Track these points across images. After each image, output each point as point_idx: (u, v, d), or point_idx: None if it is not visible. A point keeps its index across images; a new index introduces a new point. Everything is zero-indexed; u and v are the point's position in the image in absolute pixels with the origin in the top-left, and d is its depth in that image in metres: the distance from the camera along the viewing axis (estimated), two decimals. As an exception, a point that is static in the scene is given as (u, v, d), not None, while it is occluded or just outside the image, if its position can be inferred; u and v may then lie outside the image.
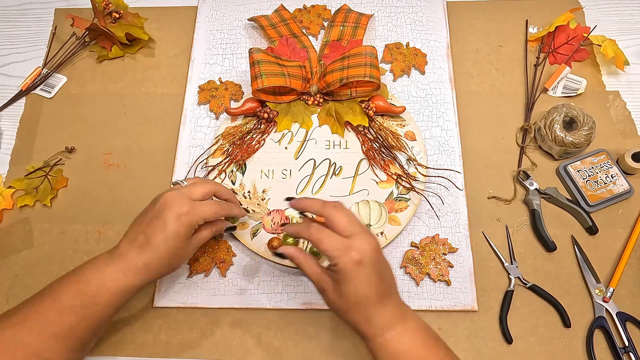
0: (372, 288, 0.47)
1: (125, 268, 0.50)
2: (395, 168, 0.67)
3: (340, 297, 0.48)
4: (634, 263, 0.63)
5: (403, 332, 0.48)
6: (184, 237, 0.52)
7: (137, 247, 0.51)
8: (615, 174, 0.66)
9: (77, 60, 0.80)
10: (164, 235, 0.51)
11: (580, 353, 0.59)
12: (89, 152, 0.72)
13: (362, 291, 0.47)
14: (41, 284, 0.64)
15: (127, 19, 0.79)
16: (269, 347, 0.60)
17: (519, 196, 0.67)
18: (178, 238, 0.51)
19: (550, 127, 0.66)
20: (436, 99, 0.73)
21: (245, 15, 0.81)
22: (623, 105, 0.72)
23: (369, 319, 0.48)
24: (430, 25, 0.78)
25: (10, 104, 0.76)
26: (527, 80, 0.74)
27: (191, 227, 0.52)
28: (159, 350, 0.60)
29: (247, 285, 0.63)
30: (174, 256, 0.52)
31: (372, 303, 0.48)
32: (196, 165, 0.69)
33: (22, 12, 0.85)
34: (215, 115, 0.73)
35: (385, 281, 0.49)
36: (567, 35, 0.76)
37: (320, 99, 0.71)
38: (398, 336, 0.47)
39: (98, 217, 0.68)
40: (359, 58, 0.67)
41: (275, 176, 0.68)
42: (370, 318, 0.48)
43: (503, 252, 0.64)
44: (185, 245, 0.53)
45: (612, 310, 0.60)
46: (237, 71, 0.76)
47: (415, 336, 0.48)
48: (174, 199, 0.52)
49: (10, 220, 0.69)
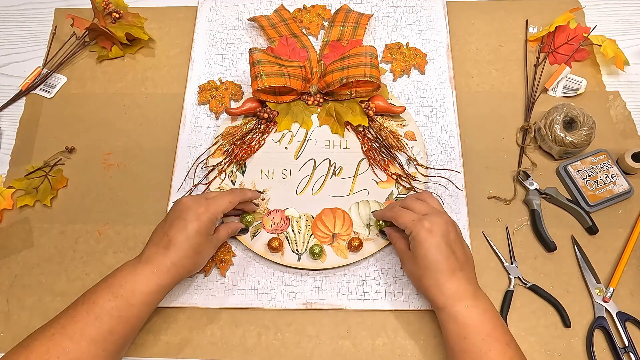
0: (442, 256, 0.52)
1: (155, 268, 0.54)
2: (395, 168, 0.67)
3: (414, 263, 0.54)
4: (634, 263, 0.63)
5: (473, 308, 0.51)
6: (205, 234, 0.56)
7: (162, 248, 0.54)
8: (615, 174, 0.66)
9: (77, 60, 0.80)
10: (186, 234, 0.54)
11: (580, 353, 0.59)
12: (89, 152, 0.72)
13: (432, 256, 0.52)
14: (41, 284, 0.64)
15: (127, 19, 0.79)
16: (269, 347, 0.60)
17: (519, 196, 0.67)
18: (199, 235, 0.55)
19: (550, 127, 0.66)
20: (436, 99, 0.73)
21: (245, 15, 0.81)
22: (623, 105, 0.72)
23: (439, 285, 0.52)
24: (430, 25, 0.78)
25: (10, 104, 0.76)
26: (527, 80, 0.74)
27: (211, 223, 0.56)
28: (159, 350, 0.60)
29: (247, 285, 0.63)
30: (197, 253, 0.56)
31: (442, 270, 0.52)
32: (196, 165, 0.69)
33: (22, 12, 0.85)
34: (215, 115, 0.73)
35: (456, 255, 0.53)
36: (567, 35, 0.76)
37: (320, 99, 0.71)
38: (468, 310, 0.51)
39: (98, 217, 0.68)
40: (359, 58, 0.67)
41: (275, 176, 0.68)
42: (441, 285, 0.52)
43: (503, 252, 0.64)
44: (207, 243, 0.57)
45: (612, 310, 0.60)
46: (237, 71, 0.76)
47: (485, 315, 0.51)
48: (192, 200, 0.57)
49: (10, 220, 0.69)
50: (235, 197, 0.59)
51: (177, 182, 0.68)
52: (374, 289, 0.62)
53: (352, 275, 0.63)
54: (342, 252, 0.63)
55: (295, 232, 0.64)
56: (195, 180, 0.68)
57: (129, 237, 0.67)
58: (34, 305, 0.63)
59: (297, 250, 0.63)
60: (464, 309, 0.51)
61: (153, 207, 0.68)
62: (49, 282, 0.65)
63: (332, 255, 0.63)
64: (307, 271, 0.63)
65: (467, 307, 0.51)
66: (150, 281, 0.53)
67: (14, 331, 0.62)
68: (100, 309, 0.50)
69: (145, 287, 0.53)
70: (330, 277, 0.63)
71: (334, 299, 0.62)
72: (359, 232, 0.64)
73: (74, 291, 0.64)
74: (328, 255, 0.63)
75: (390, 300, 0.61)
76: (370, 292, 0.62)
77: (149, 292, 0.53)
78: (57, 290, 0.64)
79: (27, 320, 0.63)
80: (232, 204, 0.59)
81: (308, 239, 0.64)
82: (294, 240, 0.64)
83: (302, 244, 0.63)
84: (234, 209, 0.61)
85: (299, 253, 0.63)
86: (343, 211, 0.65)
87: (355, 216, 0.65)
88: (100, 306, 0.51)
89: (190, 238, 0.54)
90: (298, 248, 0.63)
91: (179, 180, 0.68)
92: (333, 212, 0.65)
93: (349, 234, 0.64)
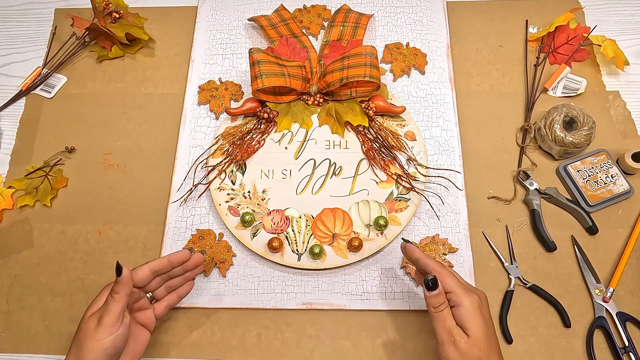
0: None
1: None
2: (395, 168, 0.67)
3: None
4: (634, 263, 0.63)
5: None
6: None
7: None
8: (615, 174, 0.66)
9: (77, 60, 0.80)
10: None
11: (580, 353, 0.59)
12: (89, 152, 0.72)
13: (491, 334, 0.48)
14: (41, 284, 0.64)
15: (127, 19, 0.79)
16: (269, 347, 0.60)
17: (519, 196, 0.67)
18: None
19: (550, 127, 0.66)
20: (436, 99, 0.73)
21: (245, 15, 0.81)
22: (623, 105, 0.72)
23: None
24: (430, 25, 0.78)
25: (10, 104, 0.76)
26: (527, 80, 0.74)
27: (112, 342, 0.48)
28: (159, 350, 0.60)
29: (247, 285, 0.63)
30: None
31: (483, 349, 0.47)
32: (196, 165, 0.69)
33: (22, 12, 0.85)
34: (215, 115, 0.73)
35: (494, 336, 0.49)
36: (567, 35, 0.76)
37: (320, 99, 0.71)
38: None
39: (98, 217, 0.68)
40: (359, 58, 0.67)
41: (275, 176, 0.68)
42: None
43: (503, 252, 0.64)
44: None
45: (612, 310, 0.60)
46: (237, 71, 0.76)
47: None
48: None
49: (10, 220, 0.69)
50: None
51: (177, 182, 0.68)
52: (374, 289, 0.62)
53: (352, 275, 0.63)
54: (342, 252, 0.63)
55: (295, 232, 0.64)
56: (195, 180, 0.68)
57: (129, 237, 0.67)
58: (34, 305, 0.63)
59: (297, 250, 0.63)
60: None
61: (153, 207, 0.68)
62: (49, 282, 0.65)
63: (332, 255, 0.63)
64: (307, 271, 0.63)
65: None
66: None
67: (14, 331, 0.62)
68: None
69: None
70: (330, 277, 0.63)
71: (334, 299, 0.62)
72: (359, 232, 0.64)
73: (74, 291, 0.64)
74: (328, 255, 0.63)
75: (391, 300, 0.61)
76: (370, 292, 0.62)
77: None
78: (57, 290, 0.64)
79: (27, 320, 0.63)
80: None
81: (308, 239, 0.64)
82: (294, 240, 0.64)
83: (302, 244, 0.63)
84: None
85: (299, 253, 0.63)
86: (343, 211, 0.65)
87: (355, 216, 0.65)
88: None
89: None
90: (298, 248, 0.63)
91: (179, 180, 0.69)
92: (333, 212, 0.65)
93: (349, 234, 0.64)
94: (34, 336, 0.62)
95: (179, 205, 0.67)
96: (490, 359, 0.47)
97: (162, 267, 0.53)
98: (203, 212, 0.67)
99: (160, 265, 0.53)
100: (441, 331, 0.48)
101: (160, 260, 0.53)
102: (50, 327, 0.62)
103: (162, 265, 0.53)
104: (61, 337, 0.61)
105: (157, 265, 0.53)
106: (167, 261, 0.53)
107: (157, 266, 0.53)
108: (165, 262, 0.53)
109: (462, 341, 0.47)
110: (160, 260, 0.53)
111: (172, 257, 0.54)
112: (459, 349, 0.47)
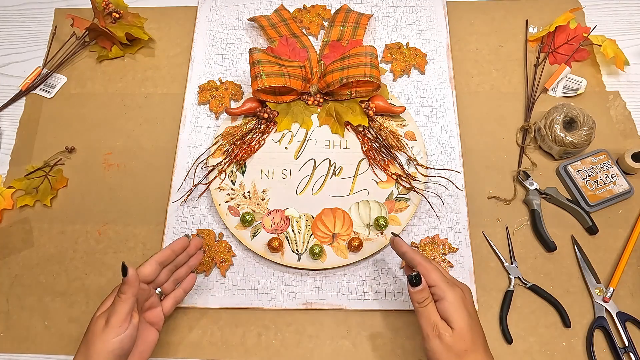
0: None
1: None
2: (395, 168, 0.67)
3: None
4: (634, 263, 0.63)
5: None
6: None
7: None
8: (615, 174, 0.66)
9: (77, 60, 0.80)
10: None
11: (580, 353, 0.59)
12: (89, 152, 0.72)
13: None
14: (41, 284, 0.64)
15: (127, 19, 0.79)
16: (269, 347, 0.60)
17: (519, 196, 0.67)
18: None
19: (550, 127, 0.66)
20: (436, 99, 0.73)
21: (245, 15, 0.81)
22: (623, 105, 0.72)
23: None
24: (430, 25, 0.78)
25: (10, 104, 0.76)
26: (527, 80, 0.74)
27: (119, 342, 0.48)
28: (159, 350, 0.60)
29: (247, 285, 0.63)
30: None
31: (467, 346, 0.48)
32: (196, 165, 0.69)
33: (22, 12, 0.85)
34: (215, 115, 0.73)
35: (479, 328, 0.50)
36: (567, 35, 0.76)
37: (320, 99, 0.71)
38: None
39: (98, 217, 0.68)
40: (359, 58, 0.67)
41: (275, 176, 0.68)
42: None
43: (503, 252, 0.64)
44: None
45: (612, 310, 0.60)
46: (237, 71, 0.76)
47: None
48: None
49: (10, 220, 0.69)
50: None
51: (177, 182, 0.68)
52: (374, 289, 0.62)
53: (352, 275, 0.63)
54: (342, 252, 0.63)
55: (295, 232, 0.64)
56: (195, 180, 0.68)
57: (129, 237, 0.67)
58: (34, 305, 0.63)
59: (297, 250, 0.63)
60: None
61: (153, 207, 0.68)
62: (49, 282, 0.65)
63: (332, 255, 0.63)
64: (307, 271, 0.63)
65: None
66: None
67: (14, 331, 0.62)
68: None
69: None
70: (330, 277, 0.63)
71: (334, 299, 0.62)
72: (359, 232, 0.64)
73: (74, 291, 0.64)
74: (328, 255, 0.63)
75: (391, 300, 0.61)
76: (370, 292, 0.62)
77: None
78: (57, 290, 0.64)
79: (27, 320, 0.63)
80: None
81: (308, 239, 0.64)
82: (294, 240, 0.64)
83: (302, 244, 0.63)
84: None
85: (299, 253, 0.63)
86: (343, 211, 0.65)
87: (355, 216, 0.65)
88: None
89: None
90: (298, 248, 0.63)
91: (179, 180, 0.69)
92: (333, 212, 0.65)
93: (349, 234, 0.64)
94: (34, 336, 0.62)
95: (179, 205, 0.67)
96: (476, 352, 0.48)
97: (167, 257, 0.55)
98: (203, 212, 0.67)
99: (165, 255, 0.55)
100: (426, 326, 0.49)
101: (163, 251, 0.55)
102: (50, 327, 0.62)
103: (166, 255, 0.55)
104: (61, 337, 0.62)
105: (161, 257, 0.54)
106: (170, 251, 0.55)
107: (162, 257, 0.54)
108: (168, 252, 0.55)
109: (447, 335, 0.48)
110: (163, 252, 0.55)
111: (173, 246, 0.56)
112: (444, 343, 0.47)
